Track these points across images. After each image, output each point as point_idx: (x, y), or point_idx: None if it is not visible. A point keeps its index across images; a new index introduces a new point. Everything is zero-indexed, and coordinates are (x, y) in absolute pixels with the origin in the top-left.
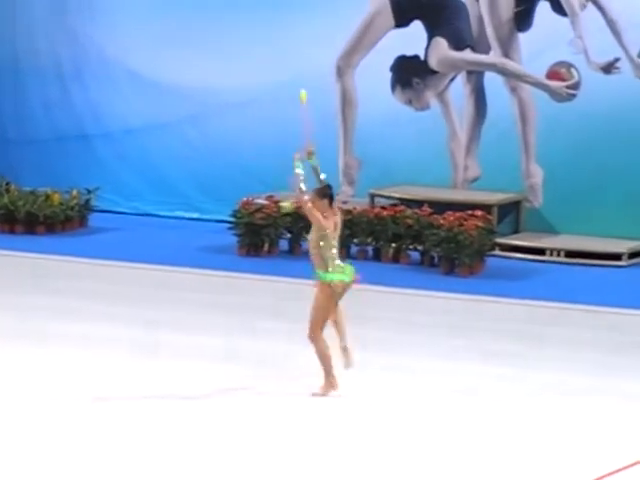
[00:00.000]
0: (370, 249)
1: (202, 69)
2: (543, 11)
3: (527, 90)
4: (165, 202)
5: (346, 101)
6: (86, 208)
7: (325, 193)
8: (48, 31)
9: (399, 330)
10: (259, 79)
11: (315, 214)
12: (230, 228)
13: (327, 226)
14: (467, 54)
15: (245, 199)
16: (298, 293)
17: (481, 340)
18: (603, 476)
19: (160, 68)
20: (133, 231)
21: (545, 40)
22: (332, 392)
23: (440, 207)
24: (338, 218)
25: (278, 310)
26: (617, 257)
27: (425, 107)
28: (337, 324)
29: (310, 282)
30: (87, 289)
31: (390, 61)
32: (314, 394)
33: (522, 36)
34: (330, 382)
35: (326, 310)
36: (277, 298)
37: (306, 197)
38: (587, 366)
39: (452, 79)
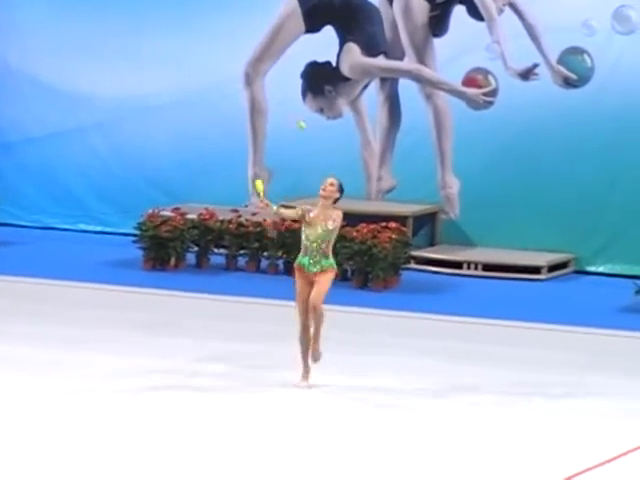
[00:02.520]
0: (281, 263)
1: (107, 76)
2: (459, 15)
3: (443, 98)
4: (68, 215)
5: (255, 109)
6: None
7: (341, 189)
8: None
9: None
10: (167, 86)
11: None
12: (135, 241)
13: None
14: (380, 60)
15: (150, 211)
16: (204, 309)
17: (396, 356)
18: None
19: (63, 74)
20: (34, 245)
21: (461, 46)
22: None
23: (353, 219)
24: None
25: (182, 326)
26: (536, 270)
27: (337, 115)
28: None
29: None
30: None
31: (301, 67)
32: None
33: (437, 41)
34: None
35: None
36: (182, 315)
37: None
38: (503, 382)
39: (365, 86)
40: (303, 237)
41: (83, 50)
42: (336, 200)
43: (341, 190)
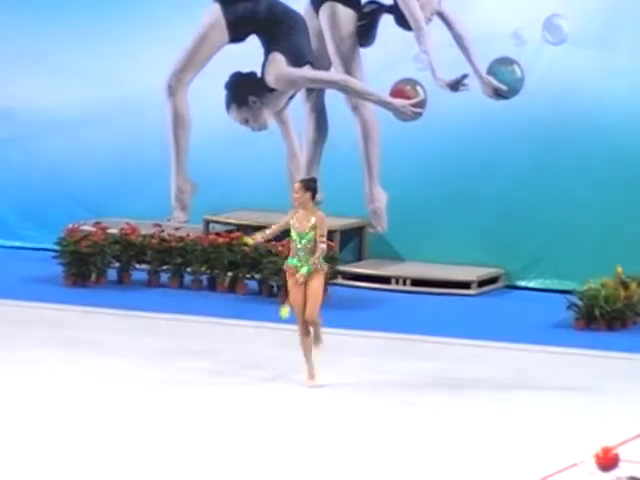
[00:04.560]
0: (205, 278)
1: (25, 86)
2: (387, 25)
3: (370, 109)
4: None
5: (178, 121)
6: None
7: (309, 186)
8: None
9: (244, 364)
10: (86, 96)
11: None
12: (55, 257)
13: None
14: (306, 70)
15: (70, 226)
16: (126, 326)
17: (325, 374)
18: None
19: None
20: None
21: (389, 56)
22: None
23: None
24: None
25: (103, 345)
26: (466, 285)
27: (263, 127)
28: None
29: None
30: None
31: (225, 78)
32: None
33: (365, 52)
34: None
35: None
36: (104, 332)
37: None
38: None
39: (291, 97)
40: (292, 239)
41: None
42: (313, 197)
43: (307, 186)
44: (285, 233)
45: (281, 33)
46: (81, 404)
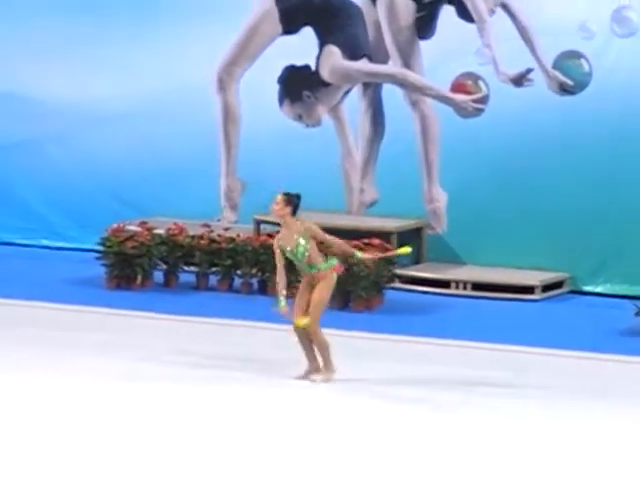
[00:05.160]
0: (255, 281)
1: (67, 80)
2: (448, 17)
3: (430, 105)
4: (25, 229)
5: (228, 116)
6: None
7: (291, 201)
8: None
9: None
10: (132, 91)
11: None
12: (98, 258)
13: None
14: (363, 64)
15: (115, 226)
16: (172, 331)
17: (378, 384)
18: None
19: (18, 79)
20: None
21: (450, 49)
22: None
23: (333, 234)
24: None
25: (151, 349)
26: (529, 290)
27: (317, 123)
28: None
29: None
30: None
31: (278, 72)
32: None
33: (424, 44)
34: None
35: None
36: (149, 336)
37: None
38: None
39: (347, 92)
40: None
41: (36, 53)
42: (295, 211)
43: (289, 201)
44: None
45: (337, 24)
46: (124, 411)
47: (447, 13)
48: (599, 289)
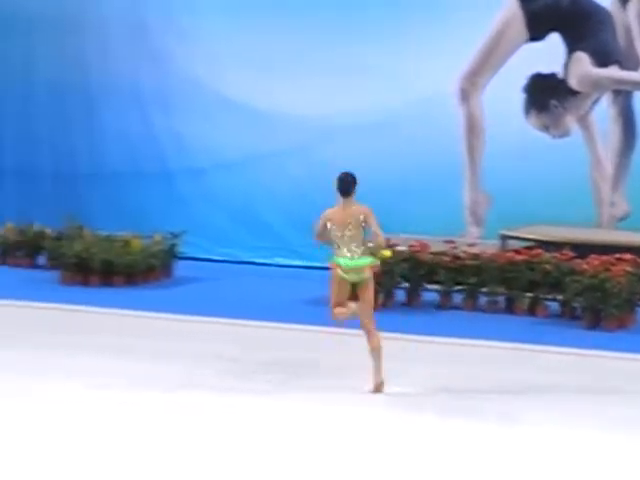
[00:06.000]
0: (502, 299)
1: (304, 94)
2: None
3: None
4: (262, 247)
5: (472, 127)
6: (171, 255)
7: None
8: (125, 53)
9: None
10: (371, 103)
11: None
12: None
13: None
14: (614, 71)
15: None
16: (415, 352)
17: (623, 406)
18: None
19: (256, 92)
20: (225, 281)
21: None
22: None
23: (583, 250)
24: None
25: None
26: None
27: (564, 133)
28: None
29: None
30: (172, 350)
31: (523, 80)
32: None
33: None
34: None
35: (334, 292)
36: (391, 357)
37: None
38: None
39: (596, 100)
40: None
41: (279, 65)
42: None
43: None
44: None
45: (586, 30)
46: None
47: None
48: None
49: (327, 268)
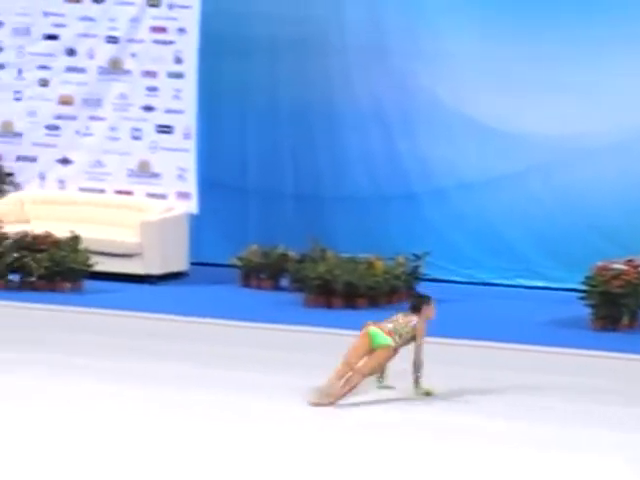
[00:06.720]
0: None
1: (550, 112)
2: None
3: None
4: (505, 269)
5: None
6: (414, 277)
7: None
8: (368, 75)
9: None
10: (621, 121)
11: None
12: (582, 298)
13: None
14: None
15: (600, 264)
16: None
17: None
18: None
19: (499, 112)
20: (466, 302)
21: None
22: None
23: None
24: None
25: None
26: None
27: None
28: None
29: None
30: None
31: None
32: None
33: None
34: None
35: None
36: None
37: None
38: None
39: None
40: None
41: (520, 85)
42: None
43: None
44: None
45: None
46: None
47: None
48: None
49: (571, 290)
